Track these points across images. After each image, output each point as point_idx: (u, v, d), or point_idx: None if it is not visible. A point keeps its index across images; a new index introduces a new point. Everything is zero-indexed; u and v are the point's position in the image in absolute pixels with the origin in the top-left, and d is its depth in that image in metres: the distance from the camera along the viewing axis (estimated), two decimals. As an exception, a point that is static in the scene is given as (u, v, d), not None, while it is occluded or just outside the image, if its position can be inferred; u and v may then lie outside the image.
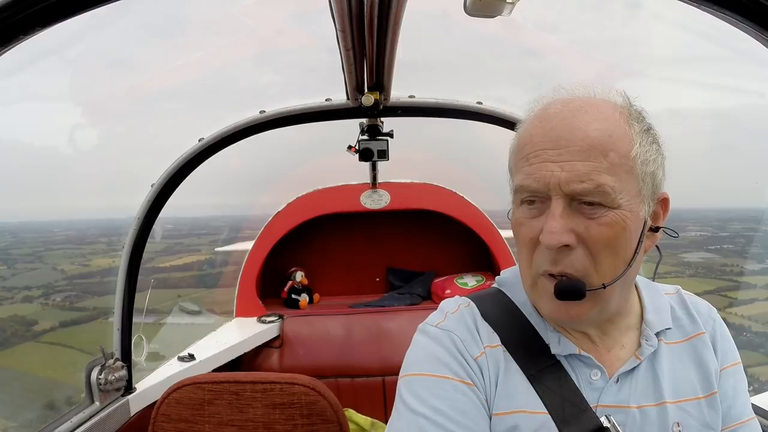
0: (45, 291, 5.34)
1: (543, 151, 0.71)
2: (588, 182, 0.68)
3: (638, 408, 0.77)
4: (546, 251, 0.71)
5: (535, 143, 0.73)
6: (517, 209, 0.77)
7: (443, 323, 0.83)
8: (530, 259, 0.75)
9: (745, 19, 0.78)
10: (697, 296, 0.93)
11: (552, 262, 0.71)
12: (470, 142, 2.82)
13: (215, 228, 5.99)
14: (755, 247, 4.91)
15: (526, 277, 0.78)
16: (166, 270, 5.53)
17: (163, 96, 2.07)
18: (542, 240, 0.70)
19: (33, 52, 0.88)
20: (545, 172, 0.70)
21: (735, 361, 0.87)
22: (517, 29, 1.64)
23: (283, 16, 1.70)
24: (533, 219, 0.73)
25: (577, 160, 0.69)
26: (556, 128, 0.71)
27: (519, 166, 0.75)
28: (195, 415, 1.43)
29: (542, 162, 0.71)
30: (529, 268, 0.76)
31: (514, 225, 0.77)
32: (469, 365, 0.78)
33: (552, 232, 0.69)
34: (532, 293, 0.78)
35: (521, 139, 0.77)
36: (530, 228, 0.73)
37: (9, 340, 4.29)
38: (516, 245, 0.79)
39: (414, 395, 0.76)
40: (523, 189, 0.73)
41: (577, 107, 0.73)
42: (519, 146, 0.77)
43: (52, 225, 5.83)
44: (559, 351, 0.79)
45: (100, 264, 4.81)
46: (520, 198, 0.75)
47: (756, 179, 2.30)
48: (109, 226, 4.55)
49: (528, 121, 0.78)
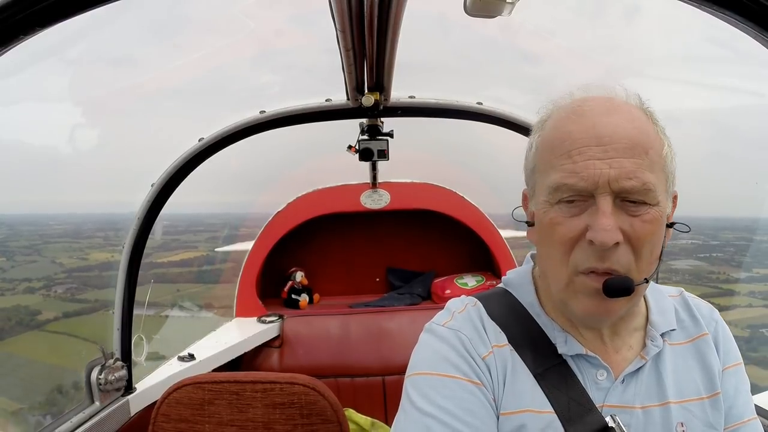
0: (46, 283, 5.40)
1: (587, 148, 0.69)
2: (635, 180, 0.68)
3: (642, 408, 0.78)
4: (589, 249, 0.70)
5: (575, 140, 0.70)
6: (549, 208, 0.73)
7: (450, 322, 0.83)
8: (566, 258, 0.72)
9: (745, 19, 0.78)
10: (699, 298, 0.93)
11: (599, 259, 0.70)
12: (470, 143, 2.82)
13: (212, 225, 6.00)
14: (743, 256, 5.02)
15: (561, 277, 0.74)
16: (164, 265, 5.55)
17: (163, 95, 2.07)
18: (595, 238, 0.68)
19: (33, 52, 0.88)
20: (593, 170, 0.68)
21: (737, 361, 0.87)
22: (514, 33, 1.65)
23: (283, 17, 1.70)
24: (572, 218, 0.71)
25: (623, 157, 0.69)
26: (597, 125, 0.70)
27: (555, 164, 0.72)
28: (195, 415, 1.43)
29: (588, 159, 0.69)
30: (565, 267, 0.73)
31: (548, 224, 0.73)
32: (477, 364, 0.78)
33: (606, 230, 0.67)
34: (565, 292, 0.75)
35: (554, 135, 0.74)
36: (569, 227, 0.71)
37: (14, 329, 4.38)
38: (545, 246, 0.76)
39: (421, 394, 0.76)
40: (567, 188, 0.70)
41: (612, 105, 0.73)
42: (553, 143, 0.73)
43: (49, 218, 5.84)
44: (565, 351, 0.79)
45: (98, 258, 4.85)
46: (559, 197, 0.72)
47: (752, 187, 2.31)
48: (105, 221, 4.60)
49: (559, 118, 0.75)
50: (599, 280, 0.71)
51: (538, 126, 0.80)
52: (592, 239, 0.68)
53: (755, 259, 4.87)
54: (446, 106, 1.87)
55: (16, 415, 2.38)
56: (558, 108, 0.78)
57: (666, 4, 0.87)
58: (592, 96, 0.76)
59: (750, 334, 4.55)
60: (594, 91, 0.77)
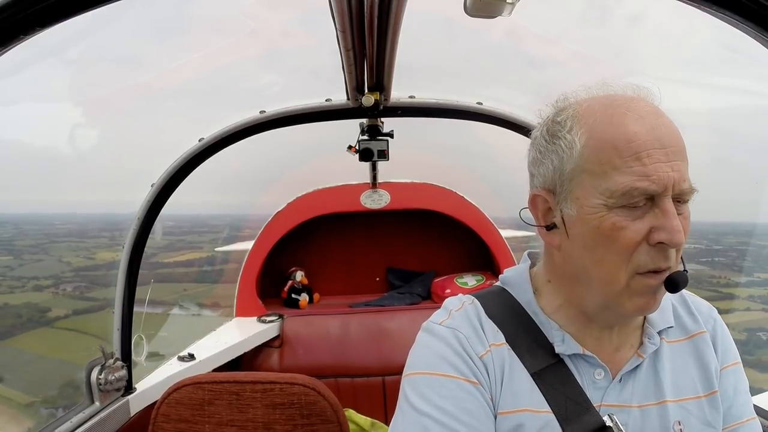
0: (54, 281, 5.49)
1: (654, 150, 0.69)
2: (687, 182, 0.71)
3: (639, 407, 0.78)
4: (653, 250, 0.70)
5: (642, 142, 0.69)
6: (608, 212, 0.70)
7: (447, 321, 0.83)
8: (627, 260, 0.71)
9: (745, 20, 0.78)
10: (697, 297, 0.93)
11: (665, 259, 0.71)
12: (470, 143, 2.82)
13: (215, 227, 6.04)
14: (745, 260, 5.08)
15: (618, 279, 0.72)
16: (170, 265, 5.61)
17: (163, 95, 2.07)
18: (670, 240, 0.68)
19: (33, 53, 0.88)
20: (662, 174, 0.68)
21: (735, 360, 0.87)
22: (514, 33, 1.65)
23: (284, 17, 1.70)
24: (636, 221, 0.70)
25: (679, 160, 0.70)
26: (655, 127, 0.70)
27: (621, 166, 0.69)
28: (195, 415, 1.43)
29: (656, 162, 0.68)
30: (624, 269, 0.71)
31: (609, 229, 0.70)
32: (475, 364, 0.78)
33: (679, 231, 0.69)
34: (620, 294, 0.73)
35: (615, 134, 0.70)
36: (635, 231, 0.70)
37: (25, 325, 4.48)
38: (599, 250, 0.72)
39: (418, 394, 0.76)
40: (639, 191, 0.68)
41: (655, 107, 0.74)
42: (614, 142, 0.70)
43: (53, 218, 5.90)
44: (563, 350, 0.79)
45: (104, 257, 4.92)
46: (627, 201, 0.69)
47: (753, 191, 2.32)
48: (109, 220, 4.66)
49: (611, 115, 0.72)
50: (659, 279, 0.72)
51: (573, 123, 0.74)
52: (667, 241, 0.69)
53: (756, 264, 4.92)
54: (446, 106, 1.87)
55: (29, 408, 2.43)
56: (596, 105, 0.75)
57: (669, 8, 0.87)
58: (636, 96, 0.75)
59: (747, 337, 4.62)
60: (627, 89, 0.76)
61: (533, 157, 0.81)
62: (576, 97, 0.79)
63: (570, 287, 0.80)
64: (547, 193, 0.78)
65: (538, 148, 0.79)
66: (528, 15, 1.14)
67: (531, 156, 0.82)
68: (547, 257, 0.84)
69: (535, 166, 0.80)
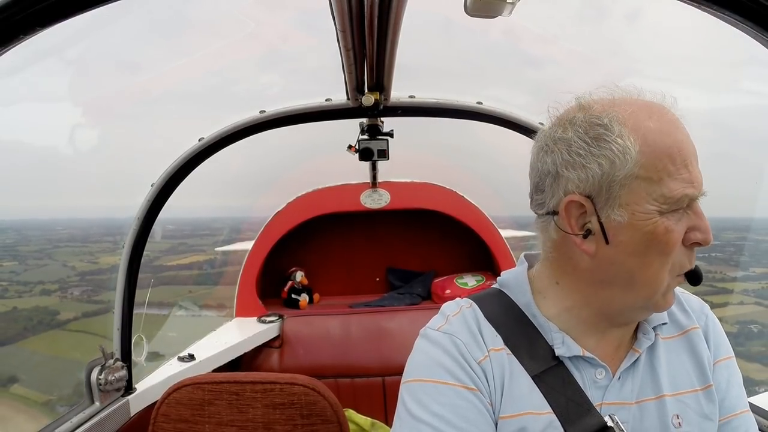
0: (61, 285, 5.56)
1: (693, 157, 0.74)
2: (703, 184, 0.75)
3: (638, 403, 0.79)
4: (687, 251, 0.75)
5: (687, 150, 0.73)
6: (660, 217, 0.72)
7: (445, 326, 0.83)
8: (670, 262, 0.74)
9: (745, 19, 0.78)
10: (689, 293, 0.94)
11: (692, 259, 0.76)
12: (470, 143, 2.82)
13: (217, 229, 6.08)
14: (741, 255, 5.17)
15: (661, 281, 0.74)
16: (173, 268, 5.66)
17: (163, 95, 2.07)
18: (706, 240, 0.74)
19: (33, 52, 0.88)
20: (700, 179, 0.74)
21: (728, 355, 0.88)
22: (514, 34, 1.65)
23: (283, 17, 1.70)
24: (678, 223, 0.73)
25: (698, 164, 0.75)
26: (687, 135, 0.75)
27: (674, 173, 0.71)
28: (195, 415, 1.43)
29: (695, 169, 0.74)
30: (667, 271, 0.74)
31: (663, 233, 0.71)
32: (473, 369, 0.77)
33: (710, 231, 0.74)
34: (658, 295, 0.76)
35: (668, 142, 0.72)
36: (678, 233, 0.73)
37: (36, 328, 4.57)
38: (651, 254, 0.73)
39: (416, 402, 0.76)
40: (688, 198, 0.73)
41: (676, 115, 0.77)
42: (670, 151, 0.71)
43: (54, 223, 5.93)
44: (563, 352, 0.79)
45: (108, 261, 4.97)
46: (680, 206, 0.72)
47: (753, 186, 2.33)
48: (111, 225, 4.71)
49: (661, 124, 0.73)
50: (683, 277, 0.77)
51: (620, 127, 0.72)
52: (702, 241, 0.74)
53: (753, 258, 4.99)
54: (446, 106, 1.87)
55: (45, 406, 2.49)
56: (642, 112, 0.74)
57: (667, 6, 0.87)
58: (661, 103, 0.78)
59: (738, 329, 4.72)
60: (638, 90, 0.78)
61: (565, 159, 0.75)
62: (602, 99, 0.77)
63: (595, 291, 0.78)
64: (585, 199, 0.74)
65: (576, 150, 0.74)
66: (527, 14, 1.14)
67: (561, 158, 0.75)
68: (562, 261, 0.81)
69: (569, 168, 0.75)
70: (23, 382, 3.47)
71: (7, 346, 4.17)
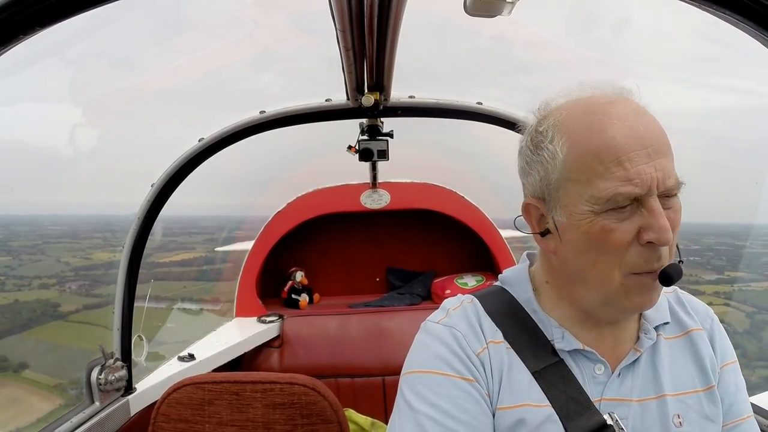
0: (58, 280, 5.67)
1: (634, 153, 0.69)
2: (672, 178, 0.71)
3: (639, 401, 0.78)
4: (644, 250, 0.71)
5: (623, 145, 0.70)
6: (595, 217, 0.71)
7: (445, 319, 0.84)
8: (619, 261, 0.72)
9: (745, 19, 0.78)
10: (693, 296, 0.94)
11: (657, 259, 0.72)
12: (470, 143, 2.82)
13: (205, 228, 6.17)
14: (719, 260, 5.27)
15: (611, 280, 0.73)
16: (166, 265, 5.73)
17: (163, 96, 2.07)
18: (658, 240, 0.69)
19: (33, 53, 0.88)
20: (645, 176, 0.69)
21: (733, 359, 0.88)
22: (515, 34, 1.65)
23: (283, 17, 1.70)
24: (622, 222, 0.71)
25: (662, 157, 0.70)
26: (635, 128, 0.70)
27: (604, 172, 0.70)
28: (195, 415, 1.43)
29: (638, 165, 0.69)
30: (617, 270, 0.73)
31: (598, 232, 0.71)
32: (471, 361, 0.78)
33: (666, 230, 0.69)
34: (615, 294, 0.74)
35: (596, 141, 0.71)
36: (623, 231, 0.71)
37: (40, 319, 4.73)
38: (591, 254, 0.73)
39: (414, 393, 0.77)
40: (624, 196, 0.69)
41: (637, 106, 0.74)
42: (597, 150, 0.71)
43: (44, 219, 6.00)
44: (563, 346, 0.80)
45: (101, 257, 5.09)
46: (612, 205, 0.70)
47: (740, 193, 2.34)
48: (99, 221, 4.83)
49: (589, 122, 0.73)
50: (653, 277, 0.73)
51: (553, 132, 0.75)
52: (655, 240, 0.70)
53: (729, 263, 5.09)
54: (446, 106, 1.87)
55: (57, 388, 2.61)
56: (579, 112, 0.75)
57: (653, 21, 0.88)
58: (616, 97, 0.75)
59: None
60: (606, 89, 0.77)
61: (521, 166, 0.82)
62: (557, 103, 0.79)
63: (569, 288, 0.81)
64: (537, 201, 0.79)
65: (525, 158, 0.81)
66: (527, 14, 1.14)
67: (519, 165, 0.83)
68: (544, 260, 0.86)
69: (523, 175, 0.82)
70: (34, 368, 3.65)
71: (14, 335, 4.35)
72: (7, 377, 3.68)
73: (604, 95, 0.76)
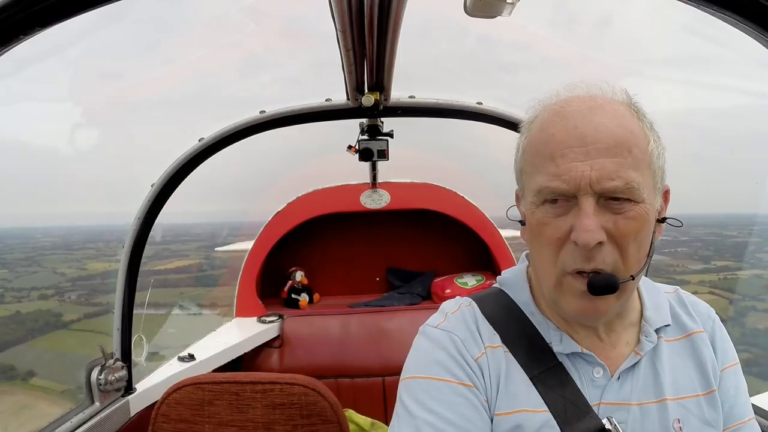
0: (56, 291, 5.77)
1: (569, 149, 0.70)
2: (617, 180, 0.69)
3: (639, 405, 0.78)
4: (575, 249, 0.70)
5: (558, 142, 0.71)
6: (536, 209, 0.74)
7: (443, 324, 0.83)
8: (555, 258, 0.73)
9: (745, 19, 0.78)
10: (696, 297, 0.93)
11: (585, 260, 0.70)
12: (470, 143, 2.82)
13: (196, 235, 6.28)
14: (706, 250, 5.32)
15: (549, 277, 0.75)
16: (162, 272, 5.78)
17: (163, 96, 2.08)
18: (578, 239, 0.69)
19: (33, 52, 0.88)
20: (575, 173, 0.69)
21: (734, 361, 0.87)
22: (516, 34, 1.65)
23: (283, 17, 1.70)
24: (558, 218, 0.72)
25: (605, 157, 0.69)
26: (579, 126, 0.71)
27: (540, 166, 0.73)
28: (195, 415, 1.43)
29: (570, 162, 0.69)
30: (554, 267, 0.73)
31: (535, 225, 0.74)
32: (469, 366, 0.78)
33: (588, 231, 0.68)
34: (554, 293, 0.76)
35: (539, 137, 0.74)
36: (555, 227, 0.72)
37: (43, 329, 4.87)
38: (535, 245, 0.77)
39: (413, 399, 0.76)
40: (550, 190, 0.71)
41: (595, 105, 0.73)
42: (537, 145, 0.74)
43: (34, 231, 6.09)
44: (561, 349, 0.79)
45: (96, 268, 5.17)
46: (543, 198, 0.73)
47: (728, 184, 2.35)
48: (93, 232, 4.96)
49: (543, 120, 0.75)
50: (583, 282, 0.71)
51: (525, 128, 0.80)
52: (576, 240, 0.69)
53: (716, 252, 5.15)
54: (446, 106, 1.87)
55: (65, 393, 2.68)
56: (544, 109, 0.78)
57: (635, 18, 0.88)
58: (576, 96, 0.76)
59: None
60: (579, 89, 0.77)
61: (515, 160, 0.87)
62: (543, 103, 0.81)
63: (539, 283, 0.83)
64: (518, 191, 0.84)
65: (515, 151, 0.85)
66: (529, 13, 1.14)
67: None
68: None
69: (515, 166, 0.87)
70: (40, 375, 3.79)
71: (19, 345, 4.50)
72: (16, 385, 3.83)
73: (576, 93, 0.77)
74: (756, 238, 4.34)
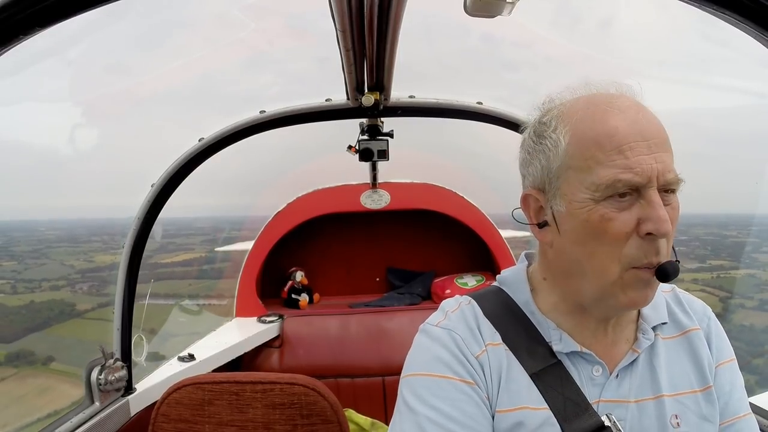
0: (67, 282, 5.87)
1: (636, 143, 0.70)
2: (672, 172, 0.72)
3: (636, 402, 0.79)
4: (644, 243, 0.71)
5: (623, 135, 0.70)
6: (595, 205, 0.71)
7: (444, 322, 0.84)
8: (618, 253, 0.71)
9: (745, 19, 0.78)
10: (692, 295, 0.94)
11: (655, 253, 0.71)
12: (470, 143, 2.82)
13: (199, 229, 6.32)
14: (703, 249, 5.34)
15: (610, 272, 0.72)
16: (169, 266, 5.87)
17: (163, 96, 2.07)
18: (657, 230, 0.69)
19: (33, 52, 0.88)
20: (645, 166, 0.69)
21: (730, 357, 0.88)
22: (516, 34, 1.65)
23: (283, 17, 1.70)
24: (623, 212, 0.71)
25: (662, 151, 0.71)
26: (637, 121, 0.72)
27: (603, 160, 0.71)
28: (195, 415, 1.43)
29: (639, 155, 0.70)
30: (617, 262, 0.72)
31: (597, 221, 0.71)
32: (470, 363, 0.78)
33: (665, 221, 0.69)
34: (612, 287, 0.73)
35: (599, 129, 0.72)
36: (622, 222, 0.71)
37: (58, 317, 4.99)
38: (590, 244, 0.73)
39: (415, 395, 0.77)
40: (623, 184, 0.70)
41: (637, 102, 0.75)
42: (599, 138, 0.72)
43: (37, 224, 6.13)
44: (560, 348, 0.80)
45: (104, 260, 5.25)
46: (611, 192, 0.71)
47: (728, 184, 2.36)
48: (96, 225, 5.00)
49: (595, 113, 0.74)
50: (651, 272, 0.72)
51: (556, 122, 0.76)
52: (654, 231, 0.69)
53: (713, 252, 5.17)
54: (446, 106, 1.87)
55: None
56: (582, 103, 0.76)
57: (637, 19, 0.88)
58: (614, 93, 0.77)
59: None
60: (597, 86, 0.78)
61: (522, 158, 0.84)
62: (561, 99, 0.81)
63: (565, 282, 0.81)
64: (537, 192, 0.80)
65: (527, 149, 0.82)
66: (531, 12, 1.14)
67: (521, 158, 0.84)
68: (542, 255, 0.86)
69: (524, 166, 0.83)
70: (60, 360, 3.92)
71: (38, 332, 4.64)
72: (38, 369, 4.00)
73: (607, 90, 0.77)
74: (753, 238, 4.36)
